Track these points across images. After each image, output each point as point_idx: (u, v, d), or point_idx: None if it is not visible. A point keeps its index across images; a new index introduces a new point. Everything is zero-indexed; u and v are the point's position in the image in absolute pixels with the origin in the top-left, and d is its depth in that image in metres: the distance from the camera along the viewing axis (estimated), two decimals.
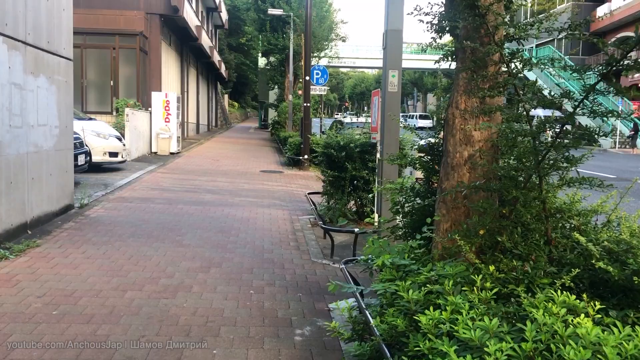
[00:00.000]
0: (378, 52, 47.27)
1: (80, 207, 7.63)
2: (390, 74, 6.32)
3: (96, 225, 6.71)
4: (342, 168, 7.41)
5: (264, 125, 41.88)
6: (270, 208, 8.55)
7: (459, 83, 3.19)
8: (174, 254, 5.59)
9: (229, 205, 8.57)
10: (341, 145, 7.37)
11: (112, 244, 5.83)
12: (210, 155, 17.36)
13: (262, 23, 23.52)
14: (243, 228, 6.97)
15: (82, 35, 16.13)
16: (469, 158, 3.17)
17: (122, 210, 7.69)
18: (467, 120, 3.17)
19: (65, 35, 7.16)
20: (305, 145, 14.40)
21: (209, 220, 7.33)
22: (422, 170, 3.61)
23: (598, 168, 16.02)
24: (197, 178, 11.67)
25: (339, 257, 5.80)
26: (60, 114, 6.99)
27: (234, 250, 5.87)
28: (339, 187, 7.46)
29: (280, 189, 10.77)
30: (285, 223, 7.45)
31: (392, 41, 6.30)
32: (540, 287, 2.34)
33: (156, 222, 7.07)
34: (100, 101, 16.67)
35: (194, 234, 6.52)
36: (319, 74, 16.38)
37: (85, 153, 9.62)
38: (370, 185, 7.50)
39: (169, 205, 8.29)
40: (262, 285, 4.71)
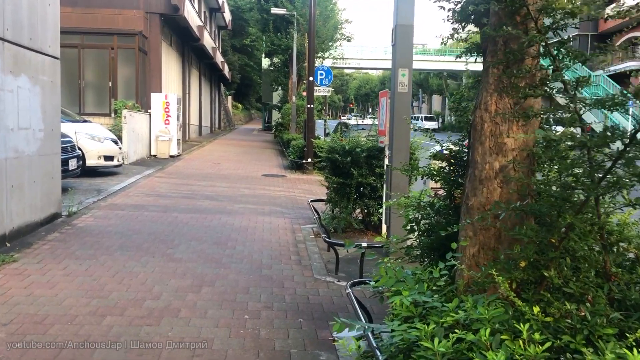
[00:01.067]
0: (383, 53, 46.78)
1: (69, 216, 7.15)
2: (400, 72, 5.81)
3: (83, 236, 6.23)
4: (347, 174, 6.90)
5: (267, 127, 41.43)
6: (271, 216, 8.06)
7: (489, 81, 2.68)
8: (164, 270, 5.10)
9: (228, 213, 8.08)
10: (346, 150, 6.87)
11: (97, 258, 5.34)
12: (211, 158, 16.88)
13: (265, 23, 23.04)
14: (241, 239, 6.47)
15: (80, 35, 15.71)
16: (500, 170, 2.67)
17: (113, 219, 7.21)
18: (499, 125, 2.66)
19: (51, 31, 6.69)
20: (308, 148, 13.90)
21: (205, 230, 6.83)
22: (443, 182, 3.10)
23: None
24: (196, 183, 11.19)
25: (344, 274, 5.30)
26: (45, 117, 6.51)
27: (230, 265, 5.37)
28: (344, 194, 6.96)
29: (282, 195, 10.27)
30: (286, 233, 6.95)
31: (402, 37, 5.80)
32: (603, 340, 1.83)
33: (148, 232, 6.58)
34: (98, 103, 16.23)
35: (187, 246, 6.03)
36: (323, 74, 15.87)
37: (77, 157, 9.15)
38: (377, 192, 7.00)
39: (163, 213, 7.80)
40: (258, 308, 4.21)
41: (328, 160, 7.14)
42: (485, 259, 2.71)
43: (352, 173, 6.78)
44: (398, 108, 5.84)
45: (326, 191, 10.17)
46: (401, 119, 5.85)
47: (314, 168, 14.25)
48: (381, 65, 49.32)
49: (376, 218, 6.96)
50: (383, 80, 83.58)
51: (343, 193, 6.95)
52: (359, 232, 7.06)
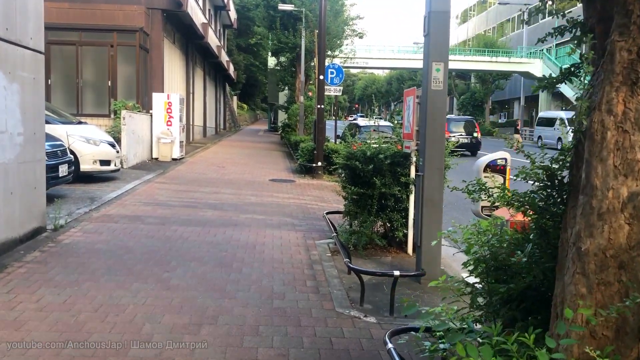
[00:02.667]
0: (390, 52, 45.88)
1: (54, 230, 6.36)
2: (434, 67, 4.98)
3: (67, 256, 5.42)
4: (368, 184, 6.07)
5: (273, 127, 40.68)
6: (281, 229, 7.23)
7: (614, 70, 1.85)
8: (157, 301, 4.29)
9: (233, 226, 7.26)
10: (368, 156, 6.03)
11: (79, 286, 4.54)
12: (215, 162, 16.09)
13: (272, 20, 22.20)
14: (248, 259, 5.65)
15: (77, 32, 14.95)
16: (630, 199, 1.83)
17: (104, 234, 6.40)
18: (629, 134, 1.83)
19: (33, 22, 5.90)
20: (318, 151, 13.07)
21: (207, 248, 6.02)
22: (532, 210, 2.25)
23: None
24: (199, 189, 10.38)
25: (370, 305, 4.48)
26: (25, 118, 5.72)
27: (235, 294, 4.55)
28: (364, 206, 6.12)
29: (291, 203, 9.45)
30: (299, 251, 6.12)
31: (436, 26, 4.97)
32: None
33: (142, 250, 5.77)
34: (96, 103, 15.46)
35: (186, 268, 5.21)
36: (334, 73, 15.02)
37: (68, 162, 8.36)
38: (402, 204, 6.17)
39: (161, 226, 7.00)
40: (270, 357, 3.39)
41: (346, 168, 6.32)
42: (606, 328, 1.88)
43: (374, 182, 5.95)
44: (432, 108, 5.01)
45: (340, 199, 9.34)
46: (435, 121, 5.02)
47: (325, 172, 13.44)
48: (389, 64, 48.49)
49: (401, 234, 6.13)
50: (390, 79, 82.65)
51: (363, 205, 6.12)
52: (380, 249, 6.23)
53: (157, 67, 16.24)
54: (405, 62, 46.63)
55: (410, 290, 4.89)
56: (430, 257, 5.09)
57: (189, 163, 15.24)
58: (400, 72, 73.37)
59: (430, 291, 4.86)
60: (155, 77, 16.16)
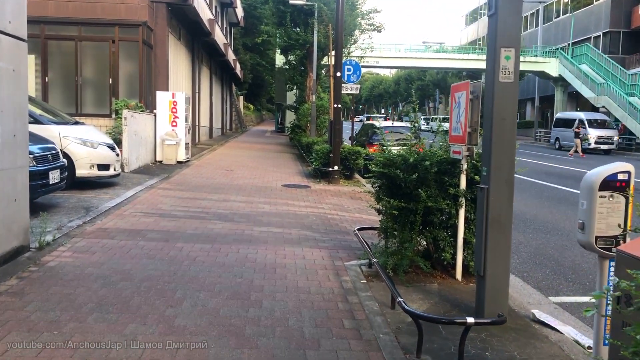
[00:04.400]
0: (398, 51, 44.87)
1: (40, 249, 5.42)
2: (503, 54, 4.01)
3: (50, 284, 4.48)
4: (410, 196, 5.10)
5: (280, 128, 39.74)
6: (302, 245, 6.27)
7: None
8: (157, 353, 3.33)
9: (247, 242, 6.30)
10: (410, 163, 5.05)
11: (60, 329, 3.59)
12: (223, 165, 15.14)
13: (282, 16, 21.20)
14: (268, 288, 4.68)
15: (77, 26, 14.03)
16: None
17: (97, 254, 5.45)
18: None
19: (12, 4, 4.95)
20: (335, 154, 12.09)
21: (219, 272, 5.06)
22: None
23: None
24: (206, 197, 9.42)
25: (430, 357, 3.50)
26: (2, 118, 4.78)
27: (257, 341, 3.58)
28: (405, 222, 5.15)
29: (309, 213, 8.48)
30: (327, 275, 5.15)
31: (506, 2, 3.99)
32: None
33: (141, 276, 4.81)
34: (97, 102, 14.54)
35: (194, 301, 4.25)
36: (351, 69, 14.00)
37: (61, 168, 7.43)
38: (450, 220, 5.19)
39: (164, 243, 6.04)
40: None
41: (383, 177, 5.33)
42: None
43: (418, 195, 4.97)
44: (500, 106, 4.03)
45: (362, 207, 8.37)
46: (504, 121, 4.04)
47: (341, 176, 12.47)
48: (399, 63, 47.44)
49: (449, 255, 5.15)
50: (397, 80, 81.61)
51: (404, 221, 5.14)
52: (423, 273, 5.25)
53: (161, 64, 15.31)
54: (414, 61, 45.62)
55: (473, 333, 3.90)
56: (496, 291, 4.11)
57: (195, 166, 14.29)
58: (409, 72, 72.37)
59: (500, 334, 3.90)
60: (159, 74, 15.23)
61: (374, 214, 8.74)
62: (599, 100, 34.01)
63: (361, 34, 19.53)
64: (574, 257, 6.73)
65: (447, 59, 46.32)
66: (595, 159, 22.96)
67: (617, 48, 38.27)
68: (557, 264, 6.44)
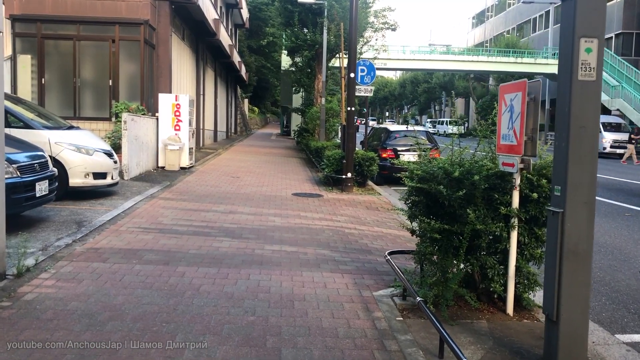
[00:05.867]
0: (403, 53, 44.12)
1: (18, 276, 4.64)
2: (583, 46, 3.21)
3: (22, 327, 3.69)
4: (454, 216, 4.31)
5: (286, 132, 39.01)
6: (321, 269, 5.47)
7: None
8: None
9: (258, 264, 5.51)
10: (455, 177, 4.25)
11: None
12: (228, 171, 14.36)
13: (290, 16, 20.42)
14: (287, 329, 3.88)
15: (75, 25, 13.31)
16: None
17: (85, 282, 4.67)
18: None
19: None
20: (348, 160, 11.29)
21: (227, 306, 4.26)
22: None
23: None
24: (212, 208, 8.64)
25: None
26: None
27: None
28: (449, 248, 4.34)
29: (324, 226, 7.68)
30: (356, 311, 4.35)
31: None
32: None
33: (134, 314, 4.02)
34: (96, 105, 13.80)
35: (197, 351, 3.45)
36: (365, 70, 13.20)
37: (49, 178, 6.66)
38: (499, 245, 4.38)
39: (164, 266, 5.25)
40: None
41: (421, 193, 4.53)
42: None
43: (464, 215, 4.17)
44: (578, 110, 3.22)
45: (383, 219, 7.62)
46: (585, 129, 3.23)
47: (355, 184, 11.67)
48: (407, 65, 46.68)
49: (499, 286, 4.34)
50: (403, 82, 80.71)
51: (447, 246, 4.34)
52: (467, 306, 4.45)
53: (164, 65, 14.56)
54: (421, 63, 44.88)
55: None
56: (572, 339, 3.30)
57: (200, 173, 13.52)
58: (415, 75, 71.52)
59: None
60: (162, 76, 14.49)
61: (393, 226, 7.98)
62: (613, 103, 33.12)
63: (375, 32, 18.67)
64: (627, 280, 5.91)
65: (454, 61, 45.55)
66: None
67: (630, 50, 37.38)
68: (612, 290, 5.61)
